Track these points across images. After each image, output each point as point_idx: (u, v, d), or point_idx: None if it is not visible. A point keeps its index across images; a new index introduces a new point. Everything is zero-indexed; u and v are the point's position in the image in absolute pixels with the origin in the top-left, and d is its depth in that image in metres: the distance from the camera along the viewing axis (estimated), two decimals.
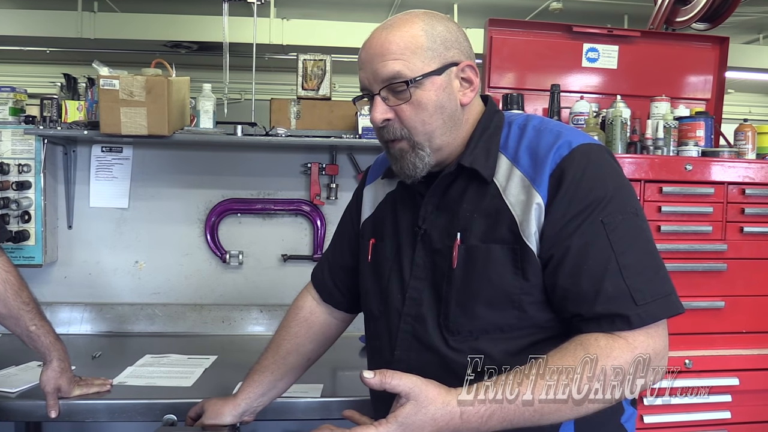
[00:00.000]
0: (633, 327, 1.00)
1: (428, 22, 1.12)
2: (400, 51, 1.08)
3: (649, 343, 1.00)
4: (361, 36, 1.23)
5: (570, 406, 0.97)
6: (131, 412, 1.71)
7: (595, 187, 1.05)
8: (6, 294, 1.58)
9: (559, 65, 2.51)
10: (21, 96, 2.47)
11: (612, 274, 1.01)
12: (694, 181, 2.13)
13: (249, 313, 2.56)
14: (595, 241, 1.03)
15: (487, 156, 1.12)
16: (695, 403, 2.06)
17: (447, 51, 1.11)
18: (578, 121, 2.31)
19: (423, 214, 1.17)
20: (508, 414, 0.95)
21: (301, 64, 2.55)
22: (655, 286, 1.02)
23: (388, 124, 1.12)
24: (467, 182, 1.14)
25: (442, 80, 1.10)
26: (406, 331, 1.17)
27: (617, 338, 1.00)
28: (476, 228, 1.10)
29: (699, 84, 2.63)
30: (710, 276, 2.14)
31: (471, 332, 1.09)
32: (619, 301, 1.00)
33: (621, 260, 1.02)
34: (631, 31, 2.58)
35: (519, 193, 1.08)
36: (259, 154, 2.60)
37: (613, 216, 1.04)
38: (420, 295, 1.16)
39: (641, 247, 1.05)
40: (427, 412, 0.94)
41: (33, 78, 8.50)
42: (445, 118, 1.12)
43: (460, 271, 1.10)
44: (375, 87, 1.11)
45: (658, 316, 1.01)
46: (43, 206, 2.40)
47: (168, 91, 2.15)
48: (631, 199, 1.08)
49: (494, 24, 2.45)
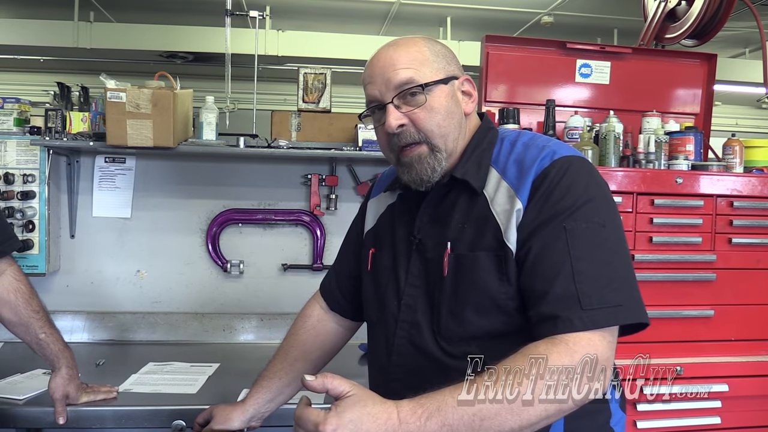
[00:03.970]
0: (574, 329, 1.00)
1: (429, 42, 1.21)
2: (410, 62, 1.16)
3: (591, 347, 0.99)
4: (356, 47, 1.29)
5: (509, 408, 0.95)
6: (138, 418, 1.74)
7: (566, 195, 1.08)
8: (17, 302, 1.62)
9: (553, 80, 2.58)
10: (26, 107, 2.50)
11: (563, 277, 1.03)
12: (685, 193, 2.20)
13: (249, 322, 2.60)
14: (554, 244, 1.06)
15: (478, 169, 1.18)
16: (686, 409, 2.11)
17: (449, 65, 1.20)
18: (573, 135, 2.37)
19: (418, 225, 1.23)
20: (447, 417, 0.94)
21: (301, 78, 2.60)
22: (607, 294, 1.02)
23: (403, 130, 1.17)
24: (459, 194, 1.19)
25: (449, 89, 1.18)
26: (402, 337, 1.21)
27: (557, 342, 1.00)
28: (465, 237, 1.15)
29: (688, 98, 2.70)
30: (700, 285, 2.20)
31: (462, 338, 1.13)
32: (566, 303, 1.01)
33: (576, 265, 1.03)
34: (622, 48, 2.65)
35: (505, 202, 1.13)
36: (260, 165, 2.65)
37: (577, 223, 1.06)
38: (415, 302, 1.20)
39: (600, 256, 1.05)
40: (365, 406, 0.94)
41: (25, 86, 8.48)
42: (455, 124, 1.19)
43: (450, 279, 1.15)
44: (387, 96, 1.16)
45: (601, 323, 1.01)
46: (47, 216, 2.44)
47: (174, 103, 2.19)
48: (602, 211, 1.09)
49: (491, 40, 2.52)
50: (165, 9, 7.03)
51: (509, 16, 7.01)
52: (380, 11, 7.06)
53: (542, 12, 6.85)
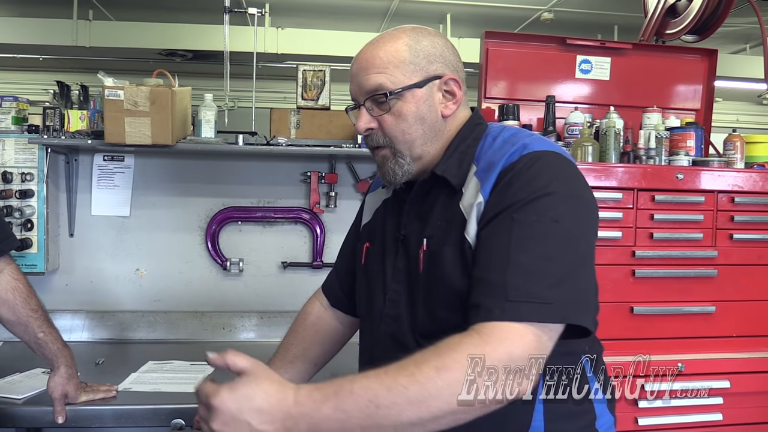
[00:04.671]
0: (493, 318, 0.96)
1: (413, 38, 1.17)
2: (383, 65, 1.15)
3: (506, 342, 0.94)
4: (355, 45, 1.29)
5: (406, 398, 0.90)
6: (138, 417, 1.74)
7: (522, 188, 1.05)
8: (15, 302, 1.61)
9: (553, 76, 2.57)
10: (24, 105, 2.49)
11: (498, 267, 1.01)
12: (685, 189, 2.19)
13: (249, 320, 2.59)
14: (499, 234, 1.04)
15: (459, 165, 1.17)
16: (688, 406, 2.11)
17: (430, 65, 1.17)
18: (573, 131, 2.36)
19: (405, 221, 1.23)
20: (342, 402, 0.90)
21: (300, 75, 2.58)
22: (538, 290, 0.98)
23: (372, 133, 1.19)
24: (440, 191, 1.19)
25: (423, 93, 1.16)
26: (385, 332, 1.22)
27: (471, 333, 0.96)
28: (438, 234, 1.15)
29: (689, 94, 2.69)
30: (701, 282, 2.19)
31: (436, 332, 1.08)
32: (493, 292, 0.99)
33: (514, 257, 1.00)
34: (622, 44, 2.65)
35: (471, 196, 1.12)
36: (260, 163, 2.64)
37: (527, 216, 1.03)
38: (399, 297, 1.21)
39: (544, 251, 1.01)
40: (259, 384, 0.92)
41: (25, 85, 8.47)
42: (426, 129, 1.17)
43: (424, 274, 1.16)
44: (360, 98, 1.19)
45: (522, 316, 0.96)
46: (45, 214, 2.43)
47: (172, 101, 2.18)
48: (560, 207, 1.04)
49: (490, 36, 2.51)
50: (164, 7, 7.02)
51: (509, 12, 7.00)
52: (380, 8, 7.05)
53: (542, 9, 6.84)
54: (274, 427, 0.90)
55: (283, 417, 0.90)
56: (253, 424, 0.89)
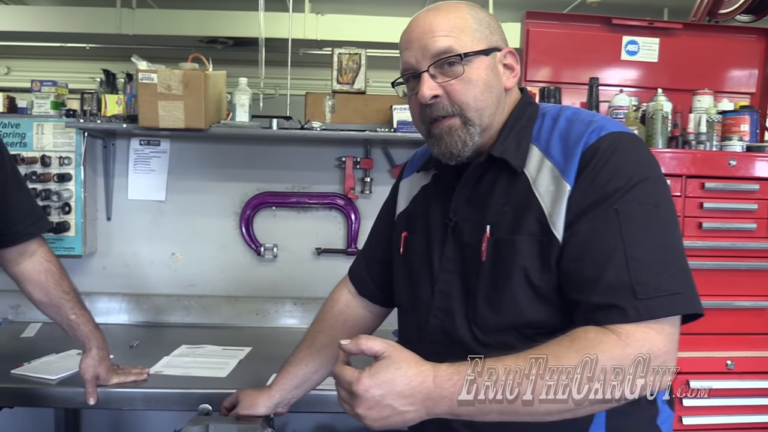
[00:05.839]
0: (629, 320, 0.94)
1: (472, 8, 1.14)
2: (449, 28, 1.10)
3: (646, 342, 0.94)
4: (395, 30, 1.22)
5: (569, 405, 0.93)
6: (167, 401, 1.74)
7: (615, 175, 1.01)
8: (47, 283, 1.62)
9: (597, 58, 2.48)
10: (62, 90, 2.52)
11: (616, 264, 0.97)
12: (738, 177, 2.09)
13: (283, 306, 2.58)
14: (605, 228, 0.99)
15: (518, 146, 1.11)
16: (736, 406, 2.02)
17: (492, 35, 1.13)
18: (618, 114, 2.26)
19: (454, 207, 1.16)
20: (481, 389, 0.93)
21: (336, 58, 2.55)
22: (663, 282, 0.96)
23: (437, 102, 1.11)
24: (498, 174, 1.12)
25: (490, 61, 1.12)
26: (435, 325, 1.16)
27: (608, 332, 0.95)
28: (505, 221, 1.09)
29: (743, 78, 2.57)
30: (754, 275, 2.09)
31: (498, 327, 1.07)
32: (619, 292, 0.96)
33: (629, 251, 0.97)
34: (672, 23, 2.52)
35: (549, 183, 1.06)
36: (294, 147, 2.62)
37: (629, 205, 0.99)
38: (449, 288, 1.14)
39: (655, 239, 0.99)
40: (399, 368, 0.94)
41: (73, 74, 8.66)
42: (493, 98, 1.12)
43: (489, 264, 1.09)
44: (423, 64, 1.10)
45: (657, 313, 0.95)
46: (83, 198, 2.45)
47: (205, 84, 2.17)
48: (655, 191, 1.03)
49: (531, 17, 2.42)
50: None
51: None
52: None
53: None
54: (415, 407, 0.94)
55: (424, 398, 0.94)
56: (395, 407, 0.94)
